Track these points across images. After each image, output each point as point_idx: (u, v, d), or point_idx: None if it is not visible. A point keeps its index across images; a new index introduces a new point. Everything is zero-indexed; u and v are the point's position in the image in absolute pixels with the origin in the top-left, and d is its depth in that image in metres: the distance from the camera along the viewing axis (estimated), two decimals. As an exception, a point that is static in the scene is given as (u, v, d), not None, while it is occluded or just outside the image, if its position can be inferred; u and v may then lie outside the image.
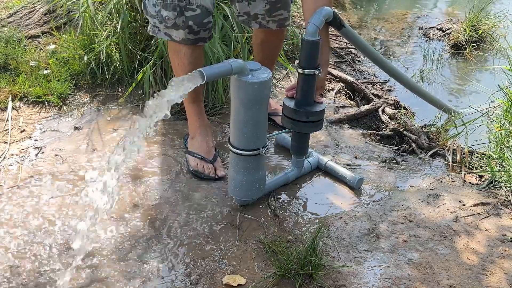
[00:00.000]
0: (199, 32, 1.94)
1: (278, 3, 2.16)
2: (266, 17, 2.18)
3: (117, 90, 2.73)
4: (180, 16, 1.89)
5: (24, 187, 2.05)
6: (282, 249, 1.77)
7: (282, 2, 2.17)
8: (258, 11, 2.16)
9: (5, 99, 2.56)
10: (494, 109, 2.73)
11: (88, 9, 2.73)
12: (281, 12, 2.19)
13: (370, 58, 2.38)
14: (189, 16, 1.90)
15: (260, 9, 2.16)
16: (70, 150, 2.29)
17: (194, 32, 1.93)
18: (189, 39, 1.95)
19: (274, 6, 2.16)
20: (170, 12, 1.89)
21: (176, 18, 1.90)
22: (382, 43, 4.15)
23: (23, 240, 1.80)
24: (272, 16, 2.19)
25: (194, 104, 2.18)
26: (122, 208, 1.96)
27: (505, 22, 4.12)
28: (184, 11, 1.89)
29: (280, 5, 2.17)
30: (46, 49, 2.93)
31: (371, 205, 2.08)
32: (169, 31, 1.95)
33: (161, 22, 1.94)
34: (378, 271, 1.75)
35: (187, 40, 1.95)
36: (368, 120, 2.78)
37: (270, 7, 2.16)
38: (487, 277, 1.75)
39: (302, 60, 1.86)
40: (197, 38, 1.96)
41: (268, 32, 2.24)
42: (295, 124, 1.95)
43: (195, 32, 1.94)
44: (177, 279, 1.70)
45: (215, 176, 2.15)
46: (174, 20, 1.90)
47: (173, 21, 1.90)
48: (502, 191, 2.16)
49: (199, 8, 1.90)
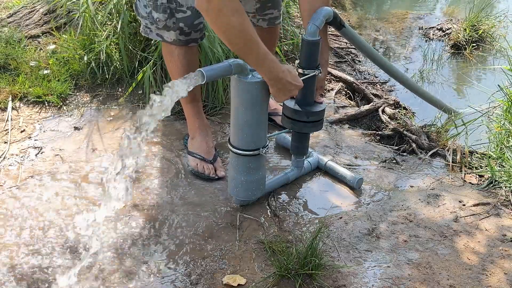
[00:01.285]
0: (190, 33, 1.95)
1: (268, 2, 2.18)
2: (256, 15, 2.20)
3: (117, 90, 2.73)
4: (170, 18, 1.90)
5: (24, 187, 2.05)
6: (282, 249, 1.77)
7: (273, 2, 2.19)
8: (248, 9, 2.18)
9: (5, 99, 2.56)
10: (494, 109, 2.72)
11: (88, 9, 2.73)
12: (271, 11, 2.21)
13: (370, 58, 2.38)
14: (180, 18, 1.90)
15: (250, 7, 2.17)
16: (70, 150, 2.29)
17: (185, 33, 1.94)
18: (181, 40, 1.96)
19: (264, 5, 2.18)
20: (161, 14, 1.89)
21: (166, 20, 1.90)
22: (382, 43, 4.15)
23: (23, 239, 1.80)
24: (262, 14, 2.21)
25: (192, 104, 2.18)
26: (122, 208, 1.96)
27: (505, 22, 4.12)
28: (175, 13, 1.89)
29: (271, 4, 2.19)
30: (46, 49, 2.93)
31: (371, 205, 2.08)
32: (160, 32, 1.96)
33: (152, 23, 1.95)
34: (378, 271, 1.75)
35: (178, 41, 1.96)
36: (368, 120, 2.78)
37: (260, 5, 2.18)
38: (487, 277, 1.75)
39: (302, 60, 1.86)
40: (189, 39, 1.97)
41: (258, 30, 2.25)
42: (295, 124, 1.95)
43: (186, 33, 1.94)
44: (177, 279, 1.70)
45: (215, 176, 2.15)
46: (165, 22, 1.91)
47: (163, 22, 1.91)
48: (502, 191, 2.16)
49: (189, 10, 1.90)
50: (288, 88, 1.73)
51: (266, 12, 2.20)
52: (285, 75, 1.69)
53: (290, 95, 1.79)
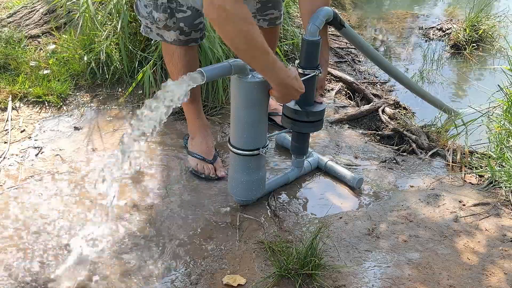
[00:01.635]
0: (190, 33, 1.95)
1: (269, 3, 2.18)
2: (257, 15, 2.21)
3: (117, 90, 2.73)
4: (171, 17, 1.90)
5: (24, 187, 2.05)
6: (282, 249, 1.77)
7: (273, 2, 2.19)
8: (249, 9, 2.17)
9: (5, 99, 2.56)
10: (494, 109, 2.73)
11: (88, 9, 2.74)
12: (272, 12, 2.22)
13: (370, 58, 2.38)
14: (180, 17, 1.90)
15: (251, 7, 2.18)
16: (70, 150, 2.29)
17: (185, 33, 1.94)
18: (181, 40, 1.96)
19: (265, 5, 2.18)
20: (161, 14, 1.89)
21: (167, 20, 1.90)
22: (382, 43, 4.15)
23: (23, 239, 1.80)
24: (263, 14, 2.21)
25: (192, 105, 2.18)
26: (121, 208, 1.96)
27: (505, 22, 4.12)
28: (175, 13, 1.89)
29: (271, 4, 2.20)
30: (46, 49, 2.93)
31: (371, 205, 2.08)
32: (161, 32, 1.96)
33: (153, 23, 1.95)
34: (378, 271, 1.75)
35: (178, 41, 1.96)
36: (368, 120, 2.78)
37: (261, 6, 2.18)
38: (487, 277, 1.74)
39: (302, 60, 1.86)
40: (189, 39, 1.97)
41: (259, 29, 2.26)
42: (295, 124, 1.95)
43: (186, 33, 1.95)
44: (177, 279, 1.70)
45: (215, 176, 2.15)
46: (165, 21, 1.91)
47: (164, 22, 1.91)
48: (502, 191, 2.16)
49: (190, 10, 1.90)
50: (292, 93, 1.75)
51: (267, 12, 2.20)
52: (292, 83, 1.70)
53: (292, 99, 1.81)
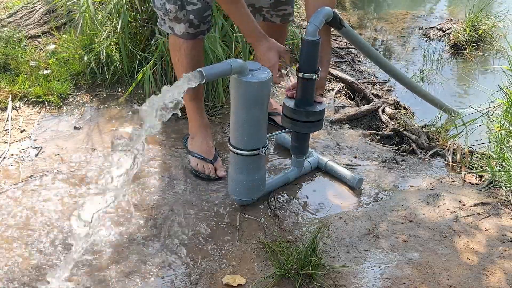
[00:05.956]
0: (199, 25, 1.98)
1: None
2: (270, 10, 2.22)
3: (117, 90, 2.73)
4: (181, 9, 1.93)
5: (24, 187, 2.05)
6: (282, 249, 1.77)
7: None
8: (263, 4, 2.20)
9: (5, 99, 2.56)
10: (494, 109, 2.73)
11: (88, 9, 2.73)
12: (285, 7, 2.23)
13: (370, 58, 2.38)
14: (190, 10, 1.93)
15: (265, 2, 2.19)
16: (70, 150, 2.28)
17: (194, 26, 1.97)
18: (189, 33, 1.99)
19: (279, 0, 2.18)
20: (172, 5, 1.93)
21: (177, 12, 1.93)
22: (382, 43, 4.15)
23: (23, 239, 1.80)
24: (276, 10, 2.22)
25: (194, 102, 2.19)
26: (121, 208, 1.96)
27: (505, 22, 4.11)
28: (186, 5, 1.93)
29: (285, 0, 2.19)
30: (46, 49, 2.93)
31: (371, 205, 2.08)
32: (172, 24, 1.99)
33: (165, 14, 1.98)
34: (378, 271, 1.75)
35: (187, 35, 1.99)
36: (368, 120, 2.78)
37: (275, 1, 2.19)
38: (487, 277, 1.75)
39: (301, 61, 1.86)
40: (197, 31, 2.00)
41: (271, 26, 2.27)
42: (295, 124, 1.95)
43: (195, 25, 1.97)
44: (177, 279, 1.70)
45: (215, 176, 2.15)
46: (175, 13, 1.94)
47: (174, 14, 1.94)
48: (502, 191, 2.16)
49: (200, 2, 1.93)
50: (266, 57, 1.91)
51: (280, 8, 2.22)
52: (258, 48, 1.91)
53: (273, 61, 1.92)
